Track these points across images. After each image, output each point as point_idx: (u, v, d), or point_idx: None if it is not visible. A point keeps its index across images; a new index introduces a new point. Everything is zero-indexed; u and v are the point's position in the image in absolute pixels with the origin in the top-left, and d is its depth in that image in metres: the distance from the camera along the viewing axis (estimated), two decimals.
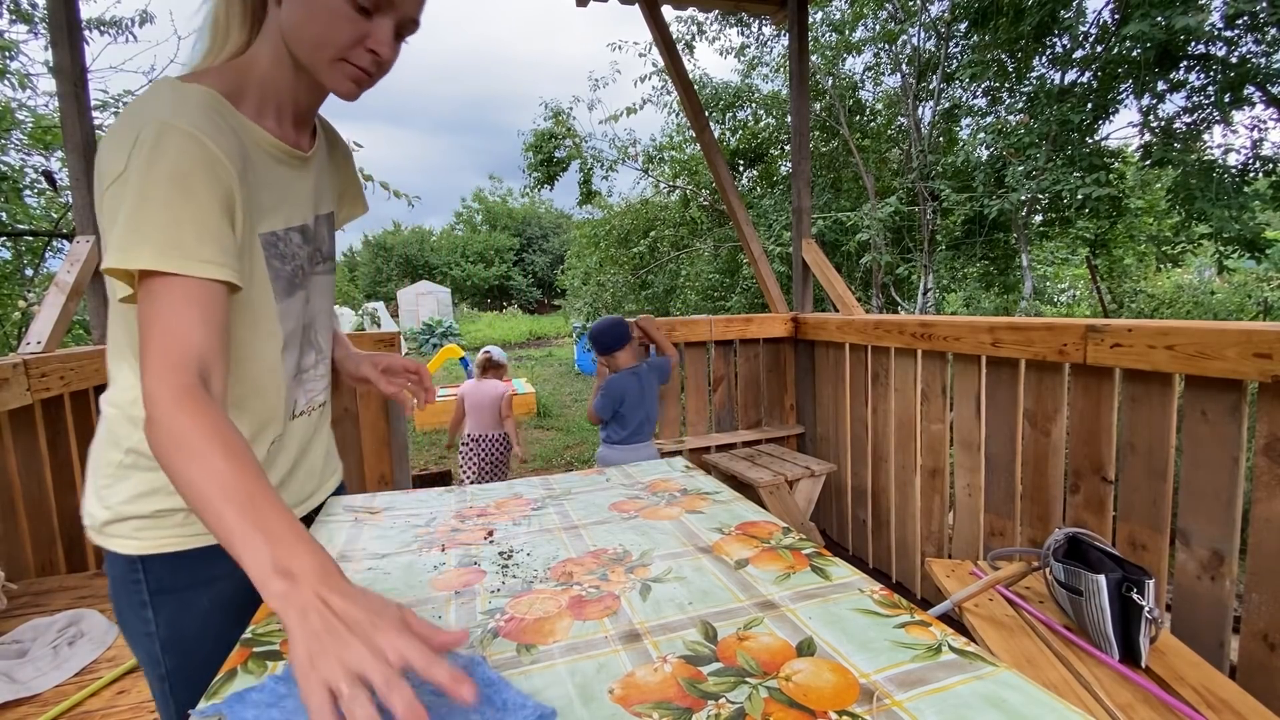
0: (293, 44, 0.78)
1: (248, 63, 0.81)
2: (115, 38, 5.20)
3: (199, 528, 0.84)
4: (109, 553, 0.84)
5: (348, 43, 0.77)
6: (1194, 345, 1.47)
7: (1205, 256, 7.66)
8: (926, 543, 2.53)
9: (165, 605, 0.84)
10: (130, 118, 0.71)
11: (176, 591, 0.84)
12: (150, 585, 0.83)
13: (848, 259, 7.27)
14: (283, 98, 0.84)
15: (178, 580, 0.84)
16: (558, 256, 29.54)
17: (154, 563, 0.83)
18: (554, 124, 8.43)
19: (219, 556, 0.72)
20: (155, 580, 0.84)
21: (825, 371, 3.12)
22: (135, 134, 0.68)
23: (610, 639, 0.66)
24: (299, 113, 0.87)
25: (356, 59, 0.79)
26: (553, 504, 1.11)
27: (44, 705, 1.50)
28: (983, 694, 0.55)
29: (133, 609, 0.84)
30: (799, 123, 3.29)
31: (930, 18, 6.93)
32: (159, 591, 0.84)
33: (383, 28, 0.78)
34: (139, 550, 0.83)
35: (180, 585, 0.85)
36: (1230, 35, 5.31)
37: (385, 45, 0.78)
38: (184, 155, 0.68)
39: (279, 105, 0.84)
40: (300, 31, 0.77)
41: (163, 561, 0.83)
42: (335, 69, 0.79)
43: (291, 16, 0.77)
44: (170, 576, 0.84)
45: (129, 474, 0.82)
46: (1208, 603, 1.52)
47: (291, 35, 0.78)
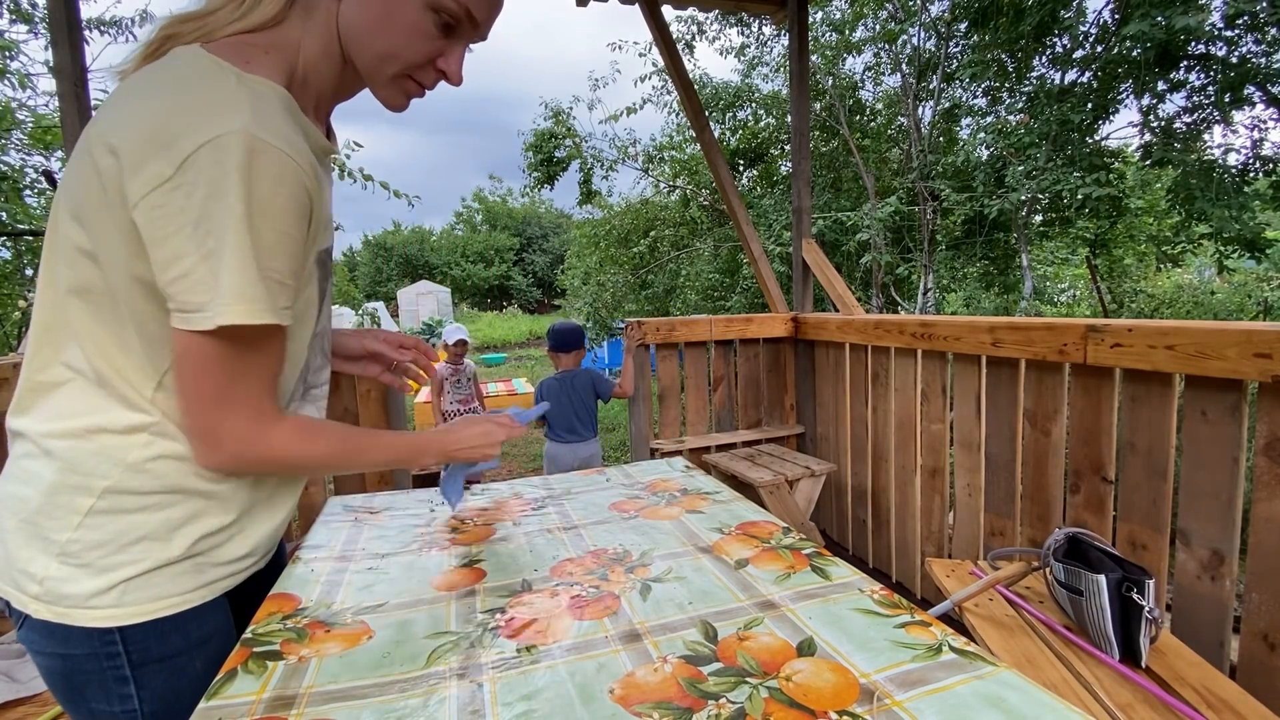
0: (354, 46, 0.71)
1: (291, 46, 0.70)
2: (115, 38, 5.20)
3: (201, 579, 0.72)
4: (60, 626, 0.66)
5: (420, 60, 0.71)
6: (1194, 345, 1.47)
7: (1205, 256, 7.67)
8: (926, 543, 2.53)
9: (153, 677, 0.70)
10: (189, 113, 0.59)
11: (166, 660, 0.70)
12: (133, 658, 0.68)
13: (848, 259, 7.26)
14: (323, 93, 0.75)
15: (167, 647, 0.70)
16: (558, 256, 29.53)
17: (137, 632, 0.68)
18: (554, 124, 8.43)
19: (213, 611, 0.73)
20: (139, 652, 0.69)
21: (825, 371, 3.12)
22: (202, 140, 0.58)
23: (610, 639, 0.66)
24: (328, 108, 0.79)
25: (422, 77, 0.74)
26: (553, 504, 1.11)
27: (44, 705, 1.51)
28: (983, 694, 0.55)
29: (103, 687, 0.68)
30: (799, 123, 3.29)
31: (930, 18, 6.93)
32: (144, 664, 0.69)
33: (457, 50, 0.73)
34: (119, 621, 0.67)
35: (170, 652, 0.70)
36: (1230, 35, 5.31)
37: (456, 67, 0.74)
38: (278, 183, 0.60)
39: (318, 100, 0.75)
40: (370, 38, 0.69)
41: (149, 629, 0.69)
42: (396, 83, 0.73)
43: (360, 18, 0.69)
44: (158, 644, 0.69)
45: (108, 520, 0.67)
46: (1208, 603, 1.52)
47: (355, 38, 0.70)
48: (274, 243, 0.61)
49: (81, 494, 0.66)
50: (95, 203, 0.61)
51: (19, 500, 0.67)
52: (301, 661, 0.64)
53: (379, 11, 0.68)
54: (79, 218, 0.63)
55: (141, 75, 0.64)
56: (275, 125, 0.61)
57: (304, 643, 0.68)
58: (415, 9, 0.68)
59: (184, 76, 0.62)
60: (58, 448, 0.67)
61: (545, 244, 33.82)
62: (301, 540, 0.98)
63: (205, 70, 0.63)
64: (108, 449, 0.67)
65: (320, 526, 1.04)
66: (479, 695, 0.57)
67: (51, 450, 0.67)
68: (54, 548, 0.66)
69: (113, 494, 0.67)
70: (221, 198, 0.58)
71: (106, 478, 0.67)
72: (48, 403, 0.68)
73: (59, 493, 0.66)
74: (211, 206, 0.58)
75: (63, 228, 0.65)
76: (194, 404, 0.65)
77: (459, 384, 4.27)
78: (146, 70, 0.64)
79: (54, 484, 0.66)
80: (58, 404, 0.67)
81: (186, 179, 0.57)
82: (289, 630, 0.70)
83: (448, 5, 0.69)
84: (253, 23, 0.68)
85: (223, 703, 0.58)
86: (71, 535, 0.66)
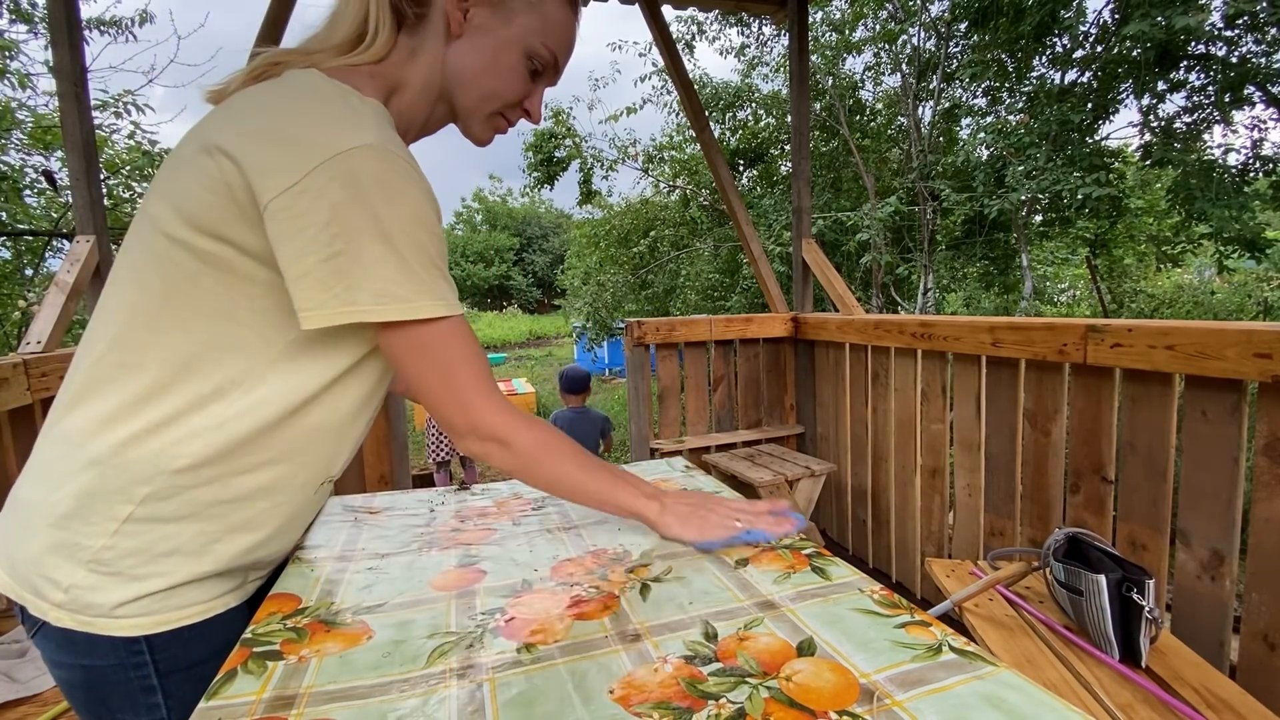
0: (458, 86, 0.78)
1: (396, 81, 0.77)
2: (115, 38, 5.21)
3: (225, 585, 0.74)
4: (84, 635, 0.66)
5: (513, 100, 0.80)
6: (1194, 345, 1.47)
7: (1205, 256, 7.67)
8: (926, 543, 2.53)
9: (180, 685, 0.70)
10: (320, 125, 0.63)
11: (193, 667, 0.71)
12: (160, 667, 0.69)
13: (848, 259, 7.26)
14: (412, 125, 0.81)
15: (193, 654, 0.71)
16: (558, 256, 29.53)
17: (163, 641, 0.69)
18: (554, 123, 8.42)
19: (233, 618, 0.74)
20: (166, 660, 0.69)
21: (825, 371, 3.12)
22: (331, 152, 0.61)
23: (610, 639, 0.66)
24: (415, 140, 0.85)
25: (511, 115, 0.83)
26: (553, 504, 1.11)
27: (44, 705, 1.50)
28: (983, 694, 0.55)
29: (129, 697, 0.69)
30: (799, 122, 3.29)
31: (930, 18, 6.93)
32: (170, 672, 0.70)
33: (540, 91, 0.83)
34: (145, 630, 0.68)
35: (196, 659, 0.71)
36: (1230, 35, 5.31)
37: (538, 108, 0.84)
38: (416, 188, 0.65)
39: (407, 130, 0.81)
40: (476, 79, 0.78)
41: (174, 638, 0.70)
42: (490, 120, 0.82)
43: (468, 61, 0.77)
44: (184, 652, 0.71)
45: (146, 529, 0.66)
46: (1208, 603, 1.52)
47: (461, 79, 0.78)
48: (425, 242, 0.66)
49: (122, 501, 0.65)
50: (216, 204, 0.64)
51: (49, 504, 0.66)
52: (301, 661, 0.64)
53: (488, 57, 0.77)
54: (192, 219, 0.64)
55: (257, 89, 0.68)
56: (395, 140, 0.67)
57: (304, 643, 0.68)
58: (516, 55, 0.78)
59: (304, 91, 0.66)
60: (100, 450, 0.65)
61: (545, 244, 33.81)
62: (302, 540, 0.98)
63: (324, 86, 0.68)
64: (167, 451, 0.66)
65: (320, 526, 1.04)
66: (479, 695, 0.57)
67: (86, 451, 0.65)
68: (85, 554, 0.65)
69: (153, 501, 0.66)
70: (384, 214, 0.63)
71: (150, 484, 0.66)
72: (97, 402, 0.66)
73: (97, 498, 0.65)
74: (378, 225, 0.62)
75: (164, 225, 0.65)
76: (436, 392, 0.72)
77: None
78: (262, 85, 0.68)
79: (90, 488, 0.65)
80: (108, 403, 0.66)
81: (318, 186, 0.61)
82: (289, 630, 0.70)
83: (541, 53, 0.78)
84: (369, 59, 0.75)
85: (223, 703, 0.58)
86: (106, 542, 0.65)
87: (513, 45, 0.77)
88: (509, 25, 0.76)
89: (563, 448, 0.80)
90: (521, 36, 0.76)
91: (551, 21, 0.78)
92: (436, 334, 0.69)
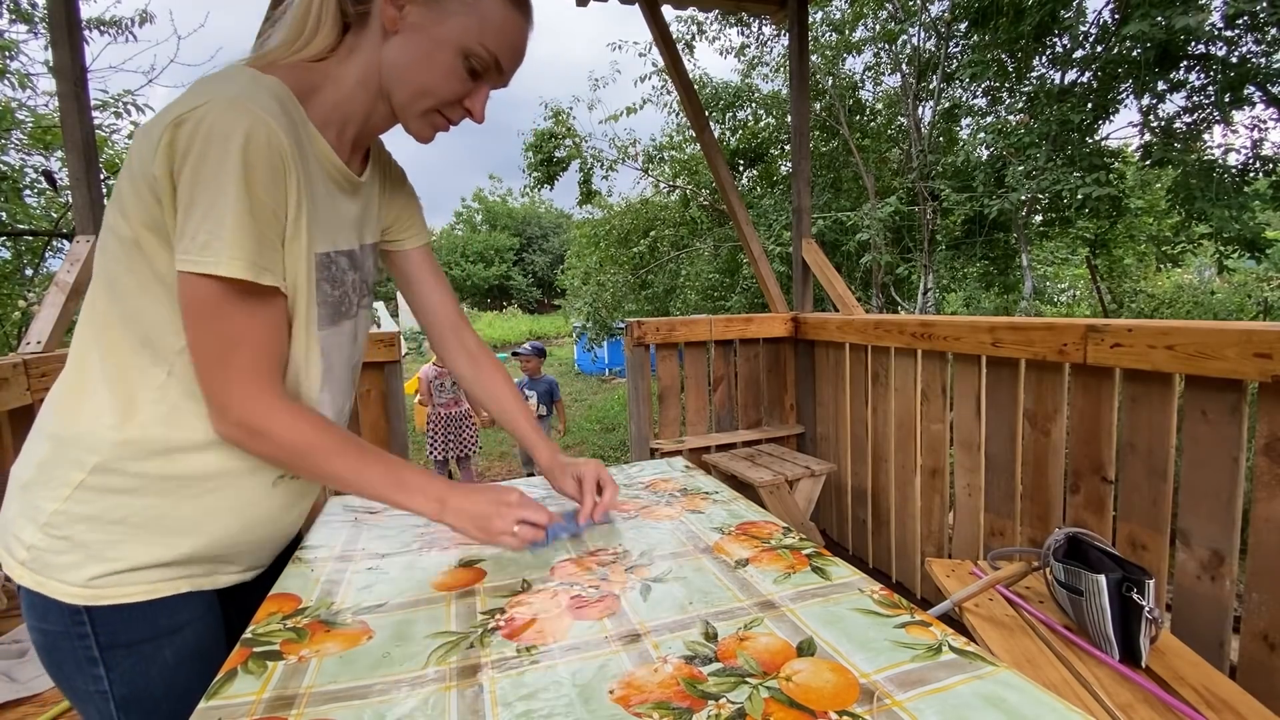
0: (393, 82, 0.78)
1: (328, 75, 0.78)
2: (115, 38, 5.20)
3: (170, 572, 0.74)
4: (40, 598, 0.70)
5: (450, 99, 0.79)
6: (1194, 345, 1.47)
7: (1205, 256, 7.67)
8: (926, 543, 2.53)
9: (121, 661, 0.72)
10: (192, 91, 0.67)
11: (133, 645, 0.73)
12: (100, 640, 0.71)
13: (848, 259, 7.26)
14: (350, 119, 0.81)
15: (134, 633, 0.73)
16: (558, 256, 29.52)
17: (104, 614, 0.71)
18: (554, 124, 8.42)
19: (183, 604, 0.76)
20: (107, 634, 0.72)
21: (825, 371, 3.12)
22: (193, 104, 0.64)
23: (610, 639, 0.66)
24: (360, 137, 0.84)
25: (450, 114, 0.82)
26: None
27: (44, 705, 1.50)
28: (983, 694, 0.55)
29: (78, 665, 0.72)
30: (799, 122, 3.28)
31: (930, 18, 6.93)
32: (111, 646, 0.72)
33: (483, 92, 0.81)
34: (86, 600, 0.70)
35: (137, 639, 0.73)
36: (1230, 35, 5.31)
37: (481, 108, 0.82)
38: (254, 145, 0.64)
39: (343, 124, 0.81)
40: (408, 74, 0.77)
41: (115, 613, 0.71)
42: (426, 117, 0.81)
43: (402, 56, 0.76)
44: (125, 629, 0.72)
45: (96, 497, 0.71)
46: (1208, 603, 1.52)
47: (395, 74, 0.77)
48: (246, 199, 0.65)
49: (74, 468, 0.70)
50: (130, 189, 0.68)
51: (17, 475, 0.74)
52: (301, 661, 0.64)
53: (420, 54, 0.76)
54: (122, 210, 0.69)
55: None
56: (262, 100, 0.67)
57: (304, 642, 0.68)
58: (450, 54, 0.76)
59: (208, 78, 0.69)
60: (55, 426, 0.73)
61: (545, 244, 33.80)
62: (302, 540, 0.98)
63: (227, 71, 0.71)
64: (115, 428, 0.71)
65: (320, 526, 1.04)
66: (479, 695, 0.58)
67: (47, 427, 0.73)
68: (42, 516, 0.70)
69: (103, 472, 0.70)
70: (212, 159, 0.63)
71: (98, 453, 0.70)
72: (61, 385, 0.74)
73: (53, 466, 0.71)
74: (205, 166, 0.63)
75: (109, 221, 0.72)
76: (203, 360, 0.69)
77: (442, 388, 4.29)
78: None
79: (47, 458, 0.72)
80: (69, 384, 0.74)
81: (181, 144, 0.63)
82: (289, 630, 0.70)
83: (478, 52, 0.77)
84: (309, 55, 0.77)
85: (223, 703, 0.58)
86: (59, 507, 0.70)
87: (447, 44, 0.76)
88: (443, 24, 0.75)
89: (331, 445, 0.74)
90: (456, 35, 0.75)
91: (490, 22, 0.76)
92: (225, 297, 0.67)
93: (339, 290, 0.82)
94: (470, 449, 4.36)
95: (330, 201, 0.80)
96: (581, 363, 11.82)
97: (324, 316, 0.80)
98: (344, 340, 0.85)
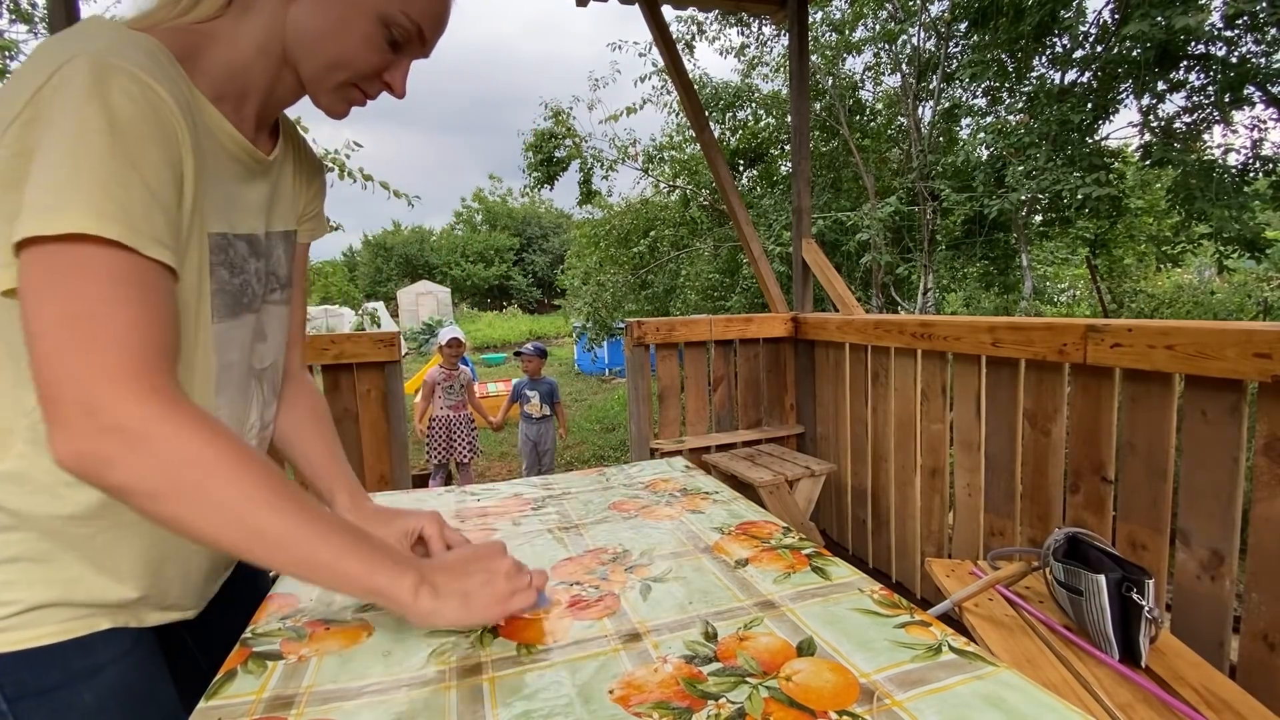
0: (300, 50, 0.69)
1: (220, 38, 0.67)
2: None
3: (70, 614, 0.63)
4: None
5: (368, 71, 0.71)
6: (1194, 345, 1.47)
7: (1205, 256, 7.67)
8: (926, 543, 2.53)
9: (32, 713, 0.62)
10: (45, 54, 0.54)
11: (45, 693, 0.62)
12: (6, 691, 0.61)
13: (848, 259, 7.26)
14: (251, 90, 0.71)
15: (47, 679, 0.62)
16: (558, 256, 29.53)
17: (8, 661, 0.60)
18: (554, 124, 8.42)
19: (102, 642, 0.65)
20: (13, 684, 0.61)
21: (825, 371, 3.12)
22: (52, 69, 0.52)
23: (610, 639, 0.66)
24: (264, 110, 0.74)
25: (368, 87, 0.73)
26: (553, 504, 1.11)
27: None
28: (983, 694, 0.55)
29: None
30: (799, 122, 3.29)
31: (930, 18, 6.93)
32: (19, 697, 0.61)
33: (404, 64, 0.74)
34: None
35: (51, 684, 0.62)
36: (1230, 35, 5.31)
37: (401, 80, 0.74)
38: (128, 98, 0.53)
39: (242, 95, 0.70)
40: (319, 43, 0.68)
41: (19, 660, 0.61)
42: (340, 91, 0.72)
43: (312, 22, 0.68)
44: (33, 677, 0.62)
45: None
46: (1208, 603, 1.52)
47: (303, 42, 0.69)
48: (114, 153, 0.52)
49: None
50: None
51: None
52: (301, 661, 0.64)
53: (333, 20, 0.67)
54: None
55: None
56: (134, 58, 0.55)
57: (304, 642, 0.68)
58: (369, 21, 0.68)
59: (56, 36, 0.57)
60: None
61: (545, 244, 33.82)
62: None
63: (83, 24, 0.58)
64: None
65: None
66: (479, 695, 0.57)
67: None
68: None
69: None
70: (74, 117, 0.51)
71: None
72: None
73: None
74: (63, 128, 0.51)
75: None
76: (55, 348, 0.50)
77: (451, 389, 4.28)
78: None
79: None
80: None
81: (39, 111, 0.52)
82: (289, 629, 0.70)
83: (400, 21, 0.68)
84: (195, 18, 0.66)
85: (222, 703, 0.58)
86: None
87: (364, 10, 0.67)
88: None
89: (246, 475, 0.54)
90: (376, 2, 0.67)
91: None
92: (80, 259, 0.50)
93: (239, 278, 0.72)
94: (470, 454, 4.34)
95: (227, 180, 0.70)
96: (581, 363, 11.83)
97: (221, 306, 0.69)
98: (244, 334, 0.74)
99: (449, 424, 4.27)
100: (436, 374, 4.27)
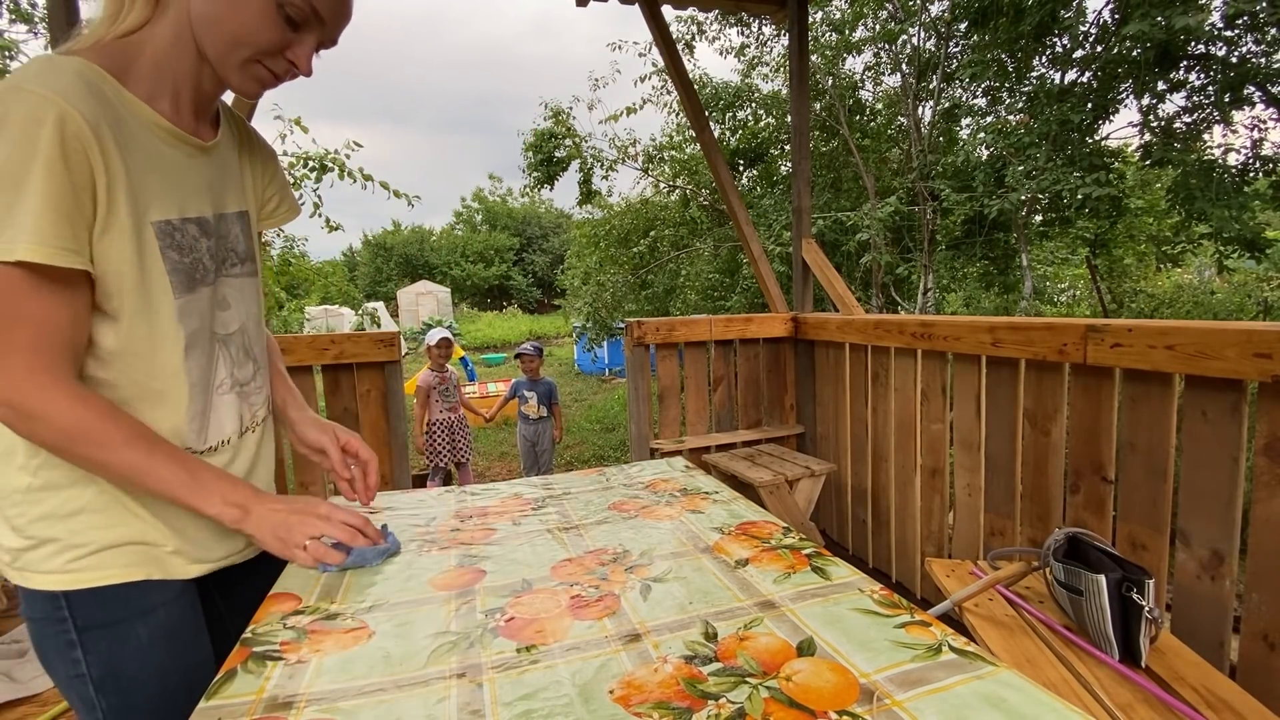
0: (204, 34, 0.74)
1: (140, 42, 0.74)
2: None
3: (134, 556, 0.77)
4: (25, 591, 0.75)
5: (268, 48, 0.75)
6: (1194, 345, 1.47)
7: (1205, 256, 7.67)
8: (926, 543, 2.53)
9: (97, 642, 0.76)
10: None
11: (109, 626, 0.76)
12: (77, 622, 0.75)
13: (848, 259, 7.26)
14: (180, 82, 0.77)
15: (109, 614, 0.76)
16: (558, 256, 29.53)
17: (80, 598, 0.75)
18: (554, 124, 8.42)
19: (154, 588, 0.79)
20: (84, 616, 0.75)
21: (825, 371, 3.12)
22: None
23: (610, 639, 0.66)
24: (199, 100, 0.81)
25: (273, 65, 0.77)
26: (553, 504, 1.11)
27: (44, 705, 1.51)
28: (983, 694, 0.55)
29: (59, 651, 0.75)
30: (799, 122, 3.29)
31: (930, 17, 6.93)
32: (88, 628, 0.75)
33: (306, 43, 0.77)
34: (63, 585, 0.74)
35: (112, 619, 0.76)
36: (1230, 35, 5.31)
37: (306, 60, 0.78)
38: (32, 121, 0.62)
39: (175, 89, 0.77)
40: (217, 25, 0.73)
41: (90, 596, 0.75)
42: (246, 69, 0.76)
43: (207, 8, 0.72)
44: (100, 611, 0.76)
45: (47, 495, 0.74)
46: (1208, 603, 1.51)
47: (205, 26, 0.73)
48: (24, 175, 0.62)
49: (21, 472, 0.73)
50: None
51: None
52: (301, 662, 0.64)
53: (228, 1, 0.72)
54: None
55: None
56: (55, 83, 0.64)
57: (304, 643, 0.68)
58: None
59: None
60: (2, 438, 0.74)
61: (545, 244, 33.80)
62: None
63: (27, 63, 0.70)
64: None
65: None
66: (479, 695, 0.57)
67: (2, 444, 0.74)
68: (10, 521, 0.74)
69: (47, 469, 0.73)
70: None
71: (37, 454, 0.73)
72: None
73: (6, 475, 0.74)
74: None
75: None
76: None
77: (446, 392, 4.29)
78: None
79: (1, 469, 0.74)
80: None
81: None
82: (289, 630, 0.70)
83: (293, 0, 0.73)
84: (124, 30, 0.73)
85: (222, 703, 0.58)
86: (20, 510, 0.73)
87: None
88: None
89: (115, 434, 0.71)
90: None
91: None
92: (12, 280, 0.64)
93: (189, 257, 0.79)
94: (467, 454, 4.38)
95: (168, 169, 0.77)
96: (581, 363, 11.82)
97: (177, 283, 0.77)
98: (202, 305, 0.82)
99: (450, 426, 4.28)
100: (430, 378, 4.27)
